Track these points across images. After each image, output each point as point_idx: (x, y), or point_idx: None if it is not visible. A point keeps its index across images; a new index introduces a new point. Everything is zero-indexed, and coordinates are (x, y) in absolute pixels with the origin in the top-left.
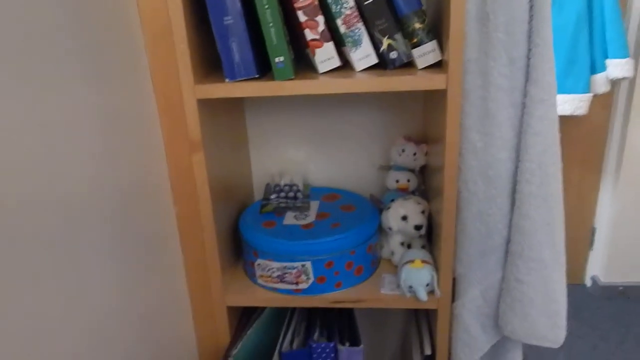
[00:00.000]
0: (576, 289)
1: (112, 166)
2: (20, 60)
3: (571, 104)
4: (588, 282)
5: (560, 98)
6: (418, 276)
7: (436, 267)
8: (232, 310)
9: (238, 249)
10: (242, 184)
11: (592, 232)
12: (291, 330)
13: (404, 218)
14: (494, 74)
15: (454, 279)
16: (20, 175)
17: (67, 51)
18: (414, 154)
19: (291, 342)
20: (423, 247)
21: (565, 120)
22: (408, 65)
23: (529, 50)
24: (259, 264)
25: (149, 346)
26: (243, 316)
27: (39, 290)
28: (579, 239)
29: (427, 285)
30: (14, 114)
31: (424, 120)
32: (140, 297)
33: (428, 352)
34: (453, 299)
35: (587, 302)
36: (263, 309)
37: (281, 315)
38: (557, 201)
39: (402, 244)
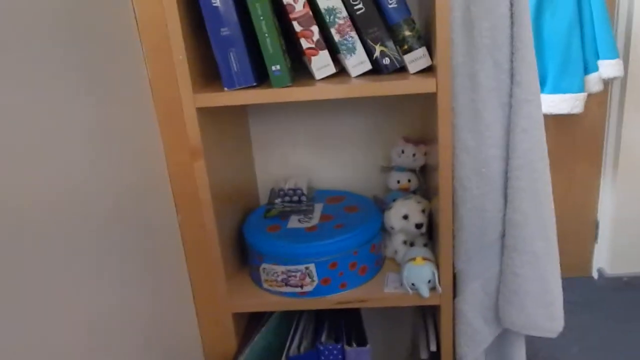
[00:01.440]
0: (584, 281)
1: (111, 174)
2: (19, 67)
3: (568, 103)
4: (595, 275)
5: (558, 97)
6: (419, 273)
7: (437, 264)
8: (238, 316)
9: (244, 255)
10: (247, 189)
11: (596, 225)
12: (299, 334)
13: (405, 217)
14: (480, 76)
15: (455, 275)
16: (16, 183)
17: (65, 60)
18: (413, 155)
19: (299, 346)
20: (425, 245)
21: (564, 119)
22: (401, 70)
23: (512, 54)
24: (264, 268)
25: (155, 354)
26: (251, 321)
27: (53, 296)
28: (584, 233)
29: (429, 282)
30: (14, 120)
31: (422, 121)
32: (146, 305)
33: (433, 348)
34: (455, 295)
35: (595, 294)
36: (271, 313)
37: (289, 318)
38: (547, 195)
39: (405, 242)
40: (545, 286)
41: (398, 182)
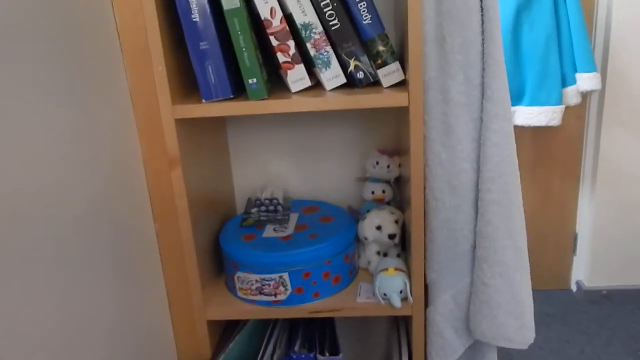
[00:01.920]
0: (562, 294)
1: (88, 181)
2: None
3: (546, 115)
4: (573, 287)
5: (536, 110)
6: (391, 283)
7: (409, 275)
8: (213, 323)
9: (220, 263)
10: (224, 199)
11: (575, 238)
12: (272, 342)
13: (379, 228)
14: (452, 91)
15: (427, 286)
16: None
17: (46, 66)
18: (388, 166)
19: (272, 354)
20: (398, 255)
21: (542, 131)
22: (375, 84)
23: (483, 69)
24: (238, 277)
25: None
26: (226, 329)
27: (20, 302)
28: (563, 245)
29: (401, 292)
30: None
31: (397, 133)
32: (121, 312)
33: (405, 358)
34: (427, 305)
35: (573, 306)
36: (246, 321)
37: (264, 327)
38: (517, 207)
39: (378, 253)
40: (515, 297)
41: (372, 192)
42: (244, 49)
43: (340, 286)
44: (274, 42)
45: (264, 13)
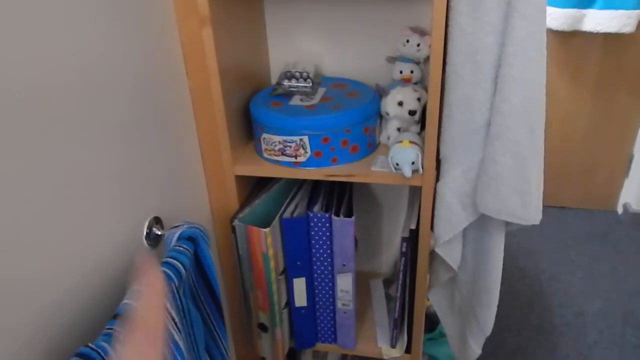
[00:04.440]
0: (607, 214)
1: (122, 37)
2: None
3: (618, 20)
4: (619, 209)
5: (607, 14)
6: (404, 154)
7: (424, 150)
8: (241, 180)
9: (252, 128)
10: (259, 70)
11: (630, 159)
12: (295, 202)
13: (400, 104)
14: None
15: (440, 161)
16: (31, 50)
17: None
18: (418, 45)
19: (292, 212)
20: (418, 134)
21: (612, 39)
22: None
23: None
24: (264, 138)
25: (177, 202)
26: (255, 188)
27: (59, 154)
28: (616, 165)
29: (413, 163)
30: None
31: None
32: (157, 167)
33: (413, 226)
34: (438, 179)
35: (615, 227)
36: (274, 183)
37: (288, 189)
38: (538, 87)
39: (399, 129)
40: (522, 175)
41: (401, 72)
42: None
43: (357, 156)
44: None
45: None
